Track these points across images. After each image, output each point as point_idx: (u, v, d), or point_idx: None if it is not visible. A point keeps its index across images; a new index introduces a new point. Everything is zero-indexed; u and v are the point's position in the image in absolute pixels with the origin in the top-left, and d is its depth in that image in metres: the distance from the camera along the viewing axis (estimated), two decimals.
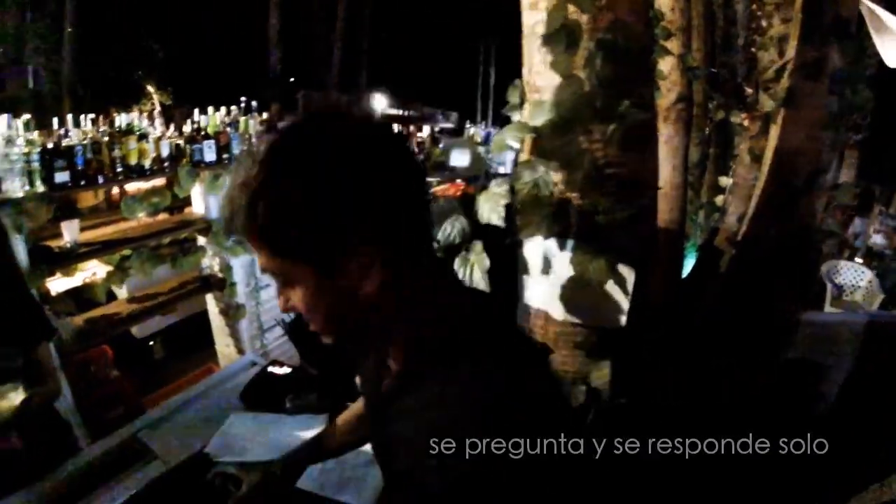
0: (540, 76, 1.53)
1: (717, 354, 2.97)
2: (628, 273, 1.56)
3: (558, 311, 1.71)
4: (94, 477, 1.80)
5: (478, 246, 1.65)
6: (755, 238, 3.14)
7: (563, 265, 1.62)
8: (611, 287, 1.56)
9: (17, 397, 1.80)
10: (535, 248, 1.67)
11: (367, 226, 0.74)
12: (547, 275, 1.65)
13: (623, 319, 1.65)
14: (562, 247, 1.59)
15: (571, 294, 1.63)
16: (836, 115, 3.28)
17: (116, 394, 3.57)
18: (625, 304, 1.62)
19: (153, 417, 2.20)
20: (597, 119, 1.44)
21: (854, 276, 6.01)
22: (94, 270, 3.52)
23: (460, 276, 1.69)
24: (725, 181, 4.74)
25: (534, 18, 1.54)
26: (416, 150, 6.70)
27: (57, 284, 3.32)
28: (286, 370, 2.22)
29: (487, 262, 1.64)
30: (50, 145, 2.87)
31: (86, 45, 14.70)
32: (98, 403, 3.42)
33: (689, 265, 4.21)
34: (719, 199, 4.66)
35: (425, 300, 0.83)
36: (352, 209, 0.72)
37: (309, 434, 1.94)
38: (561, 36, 1.42)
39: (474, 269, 1.64)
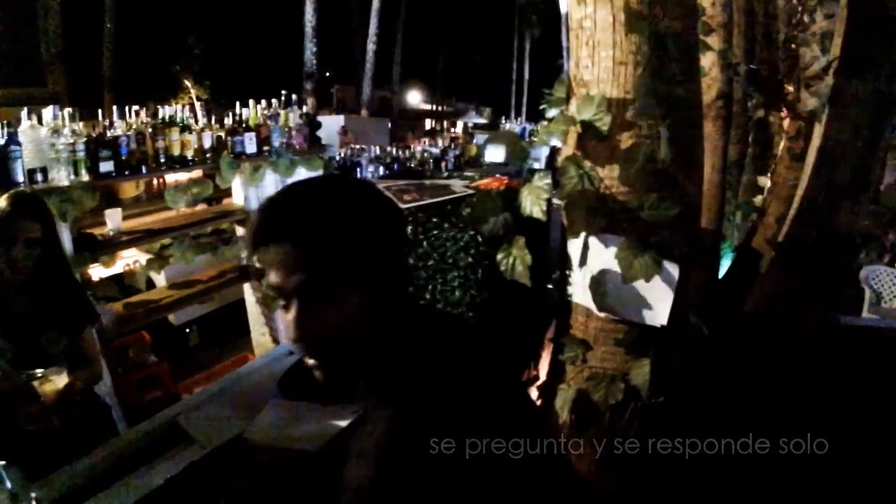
0: (588, 70, 1.52)
1: (753, 356, 2.93)
2: (674, 270, 1.55)
3: (600, 307, 1.70)
4: (133, 459, 1.82)
5: (521, 241, 1.64)
6: (795, 240, 3.08)
7: (607, 261, 1.60)
8: (655, 284, 1.54)
9: (60, 381, 1.85)
10: (579, 243, 1.67)
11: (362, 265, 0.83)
12: (591, 270, 1.64)
13: (665, 317, 1.64)
14: (606, 242, 1.58)
15: (615, 290, 1.62)
16: (882, 114, 3.19)
17: (154, 378, 3.66)
18: (668, 301, 1.60)
19: (191, 402, 2.24)
20: (647, 116, 1.43)
21: (892, 282, 5.85)
22: (135, 258, 3.60)
23: (502, 268, 1.69)
24: (764, 181, 4.64)
25: (581, 13, 1.53)
26: (450, 144, 6.71)
27: (98, 272, 3.40)
28: None
29: (530, 258, 1.64)
30: (95, 136, 2.94)
31: (125, 40, 15.02)
32: (136, 387, 3.51)
33: (725, 266, 4.14)
34: (757, 200, 4.57)
35: (398, 329, 0.90)
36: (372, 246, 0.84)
37: (345, 423, 1.96)
38: (640, 24, 1.41)
39: (517, 263, 1.63)
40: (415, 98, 24.64)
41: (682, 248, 1.59)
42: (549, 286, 1.91)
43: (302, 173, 3.74)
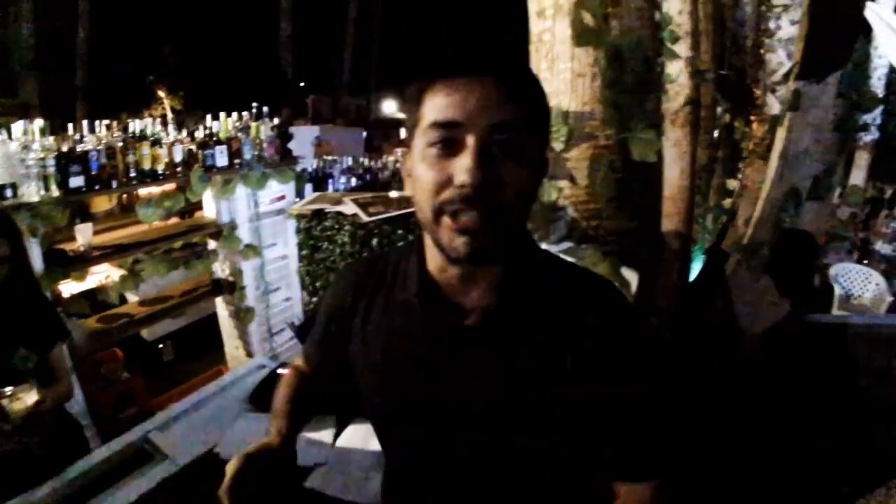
0: (547, 83, 1.55)
1: (724, 357, 2.98)
2: (632, 276, 1.58)
3: None
4: (105, 476, 1.82)
5: None
6: (761, 242, 3.15)
7: None
8: None
9: (30, 398, 1.83)
10: None
11: None
12: None
13: None
14: (567, 252, 1.60)
15: None
16: (843, 117, 3.28)
17: (127, 395, 3.63)
18: None
19: (164, 418, 2.23)
20: (605, 126, 1.46)
21: (862, 279, 5.98)
22: (106, 273, 3.56)
23: None
24: (733, 184, 4.72)
25: (541, 26, 1.56)
26: None
27: (70, 287, 3.37)
28: None
29: None
30: (65, 150, 2.91)
31: (99, 49, 14.84)
32: (110, 404, 3.47)
33: (697, 269, 4.20)
34: (727, 203, 4.65)
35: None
36: None
37: (318, 435, 1.97)
38: (591, 38, 1.44)
39: None
40: (391, 107, 24.66)
41: (644, 254, 1.62)
42: None
43: (273, 186, 3.74)
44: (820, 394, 3.03)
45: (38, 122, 2.80)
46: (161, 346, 4.58)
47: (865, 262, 6.48)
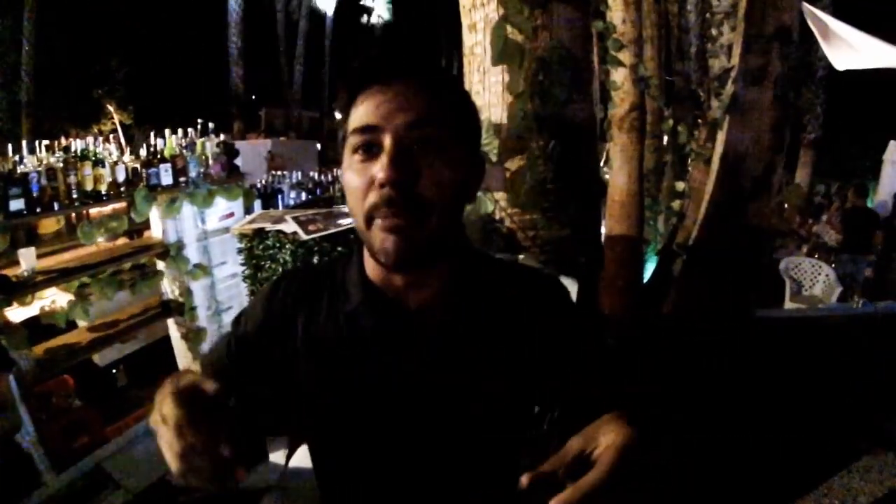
0: (478, 96, 1.57)
1: (677, 355, 3.04)
2: (571, 284, 1.61)
3: None
4: None
5: None
6: (707, 241, 3.23)
7: None
8: None
9: None
10: None
11: None
12: None
13: None
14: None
15: None
16: (781, 118, 3.39)
17: (80, 424, 3.51)
18: None
19: (116, 446, 2.19)
20: (536, 136, 1.48)
21: (812, 271, 6.18)
22: (52, 298, 3.45)
23: None
24: (682, 186, 4.85)
25: (472, 40, 1.58)
26: None
27: (17, 314, 3.26)
28: None
29: None
30: (4, 172, 2.83)
31: (45, 64, 14.44)
32: (62, 434, 3.36)
33: (651, 270, 4.29)
34: (677, 205, 4.77)
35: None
36: None
37: (271, 456, 1.94)
38: (514, 54, 1.46)
39: None
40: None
41: (584, 261, 1.65)
42: None
43: (221, 203, 3.68)
44: (770, 389, 3.12)
45: None
46: (114, 371, 4.45)
47: (816, 255, 6.71)
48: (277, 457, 1.95)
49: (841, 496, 2.67)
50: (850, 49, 5.22)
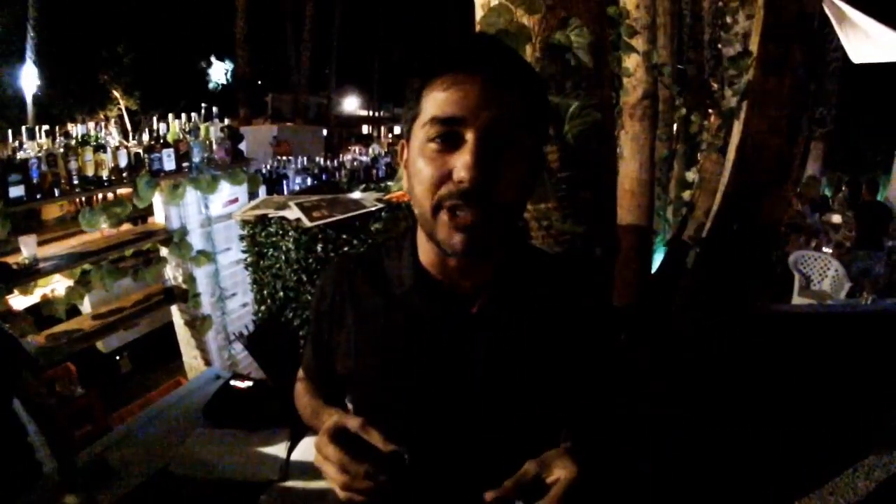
0: None
1: (687, 348, 3.00)
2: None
3: None
4: (59, 499, 1.76)
5: None
6: (720, 233, 3.17)
7: None
8: None
9: None
10: None
11: None
12: None
13: None
14: None
15: None
16: (798, 108, 3.32)
17: (82, 412, 3.49)
18: None
19: (116, 436, 2.17)
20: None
21: (821, 265, 6.10)
22: (54, 287, 3.42)
23: None
24: (692, 176, 4.77)
25: (484, 23, 1.51)
26: (383, 152, 6.60)
27: (19, 302, 3.23)
28: (248, 384, 2.17)
29: None
30: (4, 158, 2.78)
31: (50, 51, 14.39)
32: (64, 423, 3.34)
33: (659, 260, 4.23)
34: (687, 195, 4.69)
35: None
36: None
37: (272, 448, 1.91)
38: (508, 39, 1.39)
39: None
40: (352, 104, 24.51)
41: (599, 252, 1.59)
42: None
43: (225, 188, 3.63)
44: (778, 385, 3.07)
45: None
46: (118, 357, 4.44)
47: (826, 249, 6.62)
48: (278, 450, 1.91)
49: (847, 495, 2.62)
50: (868, 41, 5.10)
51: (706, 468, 2.60)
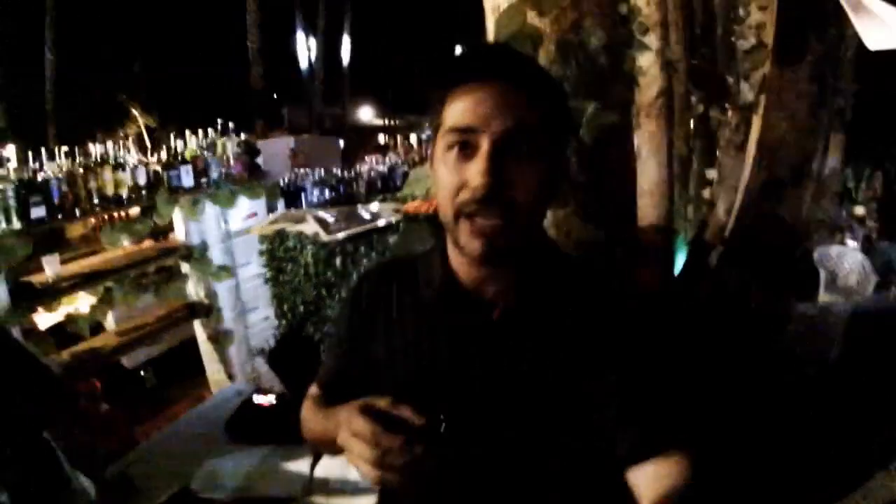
0: None
1: (711, 349, 2.93)
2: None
3: None
4: None
5: None
6: (742, 231, 3.11)
7: None
8: None
9: None
10: None
11: None
12: None
13: None
14: None
15: None
16: (818, 100, 3.25)
17: (107, 427, 3.51)
18: None
19: (140, 452, 2.18)
20: None
21: (847, 260, 5.98)
22: (77, 306, 3.46)
23: None
24: (712, 174, 4.71)
25: (495, 28, 1.50)
26: (401, 160, 6.61)
27: (41, 319, 3.27)
28: (270, 399, 2.17)
29: None
30: (25, 180, 2.82)
31: (67, 70, 14.66)
32: (88, 439, 3.37)
33: (680, 260, 4.17)
34: (707, 193, 4.62)
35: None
36: None
37: (295, 464, 1.90)
38: (521, 42, 1.38)
39: None
40: (367, 114, 24.60)
41: (620, 254, 1.56)
42: None
43: (244, 203, 3.65)
44: (807, 387, 3.00)
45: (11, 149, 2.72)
46: (143, 372, 4.47)
47: (850, 242, 6.50)
48: (301, 466, 1.90)
49: (880, 499, 2.54)
50: (884, 26, 4.99)
51: (734, 471, 2.54)
